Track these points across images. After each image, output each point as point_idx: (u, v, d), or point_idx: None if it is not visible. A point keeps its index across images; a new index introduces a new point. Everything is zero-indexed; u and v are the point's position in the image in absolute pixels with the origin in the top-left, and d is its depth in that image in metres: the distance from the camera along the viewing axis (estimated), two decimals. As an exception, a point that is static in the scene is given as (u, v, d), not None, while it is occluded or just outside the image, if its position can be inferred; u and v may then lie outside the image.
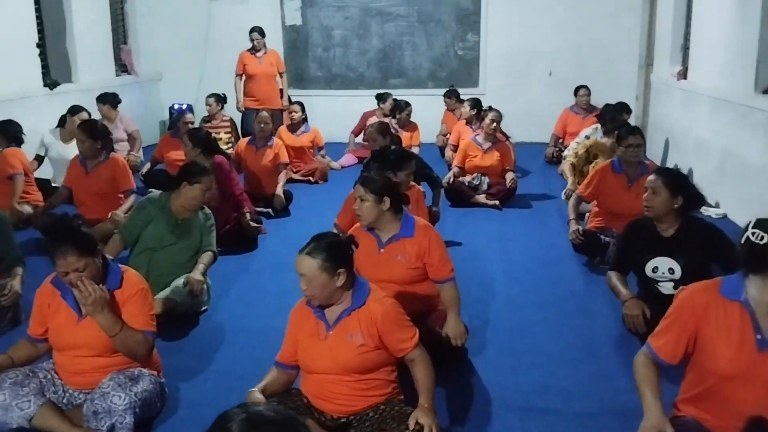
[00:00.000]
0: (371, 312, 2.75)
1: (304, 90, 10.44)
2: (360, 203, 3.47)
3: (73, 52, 8.85)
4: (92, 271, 2.92)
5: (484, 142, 7.05)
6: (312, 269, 2.65)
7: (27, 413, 2.87)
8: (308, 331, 2.80)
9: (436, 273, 3.55)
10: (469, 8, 10.39)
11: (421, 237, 3.53)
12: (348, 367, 2.73)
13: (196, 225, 4.42)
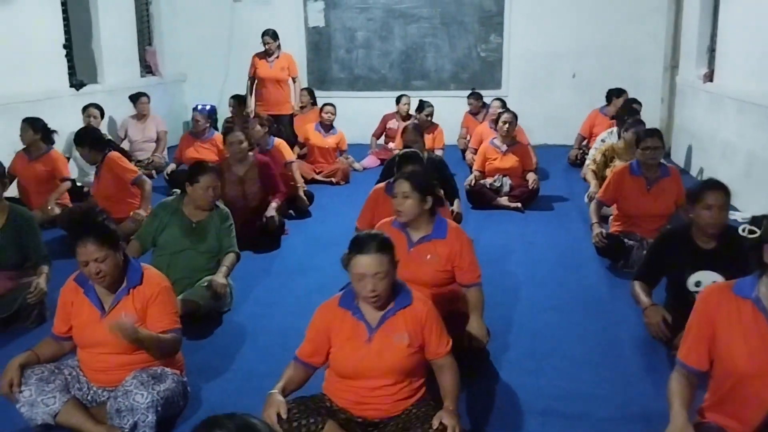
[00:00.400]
0: (417, 311, 2.74)
1: (327, 91, 10.46)
2: (402, 199, 3.45)
3: (99, 53, 8.94)
4: (111, 263, 2.94)
5: (501, 145, 7.01)
6: (385, 265, 2.63)
7: (52, 409, 2.91)
8: (346, 334, 2.74)
9: (464, 277, 3.54)
10: (492, 10, 10.36)
11: (454, 239, 3.52)
12: (395, 369, 2.70)
13: (212, 227, 4.39)
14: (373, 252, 2.63)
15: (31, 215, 4.37)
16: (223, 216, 4.47)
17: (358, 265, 2.64)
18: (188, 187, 4.35)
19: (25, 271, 4.23)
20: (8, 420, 3.06)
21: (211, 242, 4.38)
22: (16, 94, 7.15)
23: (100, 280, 2.95)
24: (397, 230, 3.55)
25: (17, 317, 4.09)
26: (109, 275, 2.96)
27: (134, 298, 3.03)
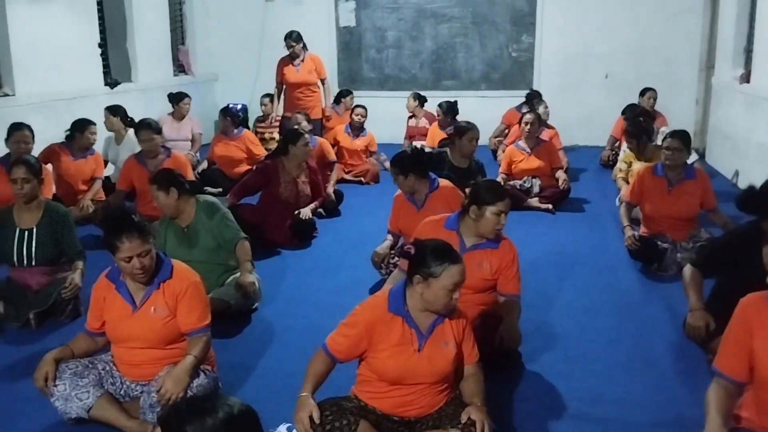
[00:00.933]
0: (461, 320, 2.77)
1: (357, 91, 10.44)
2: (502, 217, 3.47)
3: (133, 52, 9.05)
4: (152, 258, 2.98)
5: (526, 146, 6.95)
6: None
7: (86, 404, 2.95)
8: (396, 340, 2.69)
9: (506, 287, 3.54)
10: (524, 10, 10.28)
11: (506, 251, 3.53)
12: (443, 374, 2.72)
13: (202, 227, 4.25)
14: (461, 261, 2.64)
15: (66, 211, 4.44)
16: (207, 211, 4.26)
17: (455, 275, 2.61)
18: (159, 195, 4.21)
19: (61, 267, 4.30)
20: (43, 414, 3.10)
21: (206, 241, 4.23)
22: (52, 93, 7.28)
23: (141, 275, 2.98)
24: (451, 232, 3.53)
25: (52, 312, 4.15)
26: (149, 269, 2.99)
27: (164, 292, 3.05)
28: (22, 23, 6.92)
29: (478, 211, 3.45)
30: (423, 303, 2.67)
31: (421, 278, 2.63)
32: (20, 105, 6.84)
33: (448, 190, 4.65)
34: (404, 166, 4.56)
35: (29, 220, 4.24)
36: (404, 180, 4.57)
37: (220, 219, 4.27)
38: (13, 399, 3.33)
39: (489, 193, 3.46)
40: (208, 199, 4.38)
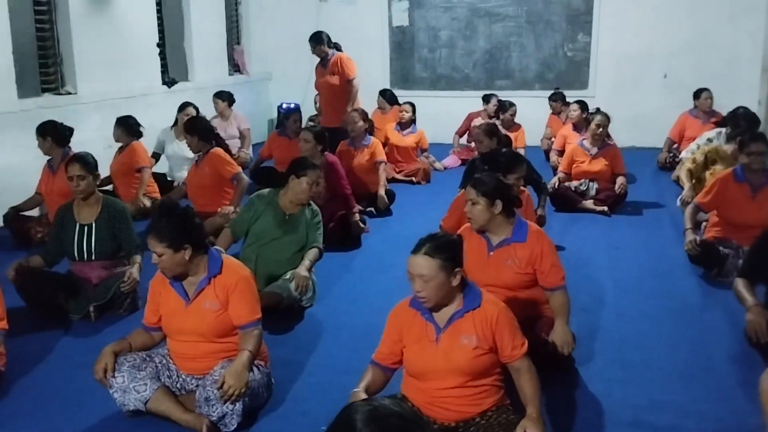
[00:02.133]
0: (487, 313, 2.70)
1: (409, 90, 10.46)
2: (471, 206, 3.42)
3: (190, 52, 9.23)
4: (168, 260, 3.01)
5: (591, 147, 6.80)
6: (431, 269, 2.60)
7: (143, 396, 3.00)
8: (416, 334, 2.73)
9: (546, 280, 3.46)
10: (581, 8, 10.12)
11: (534, 242, 3.44)
12: (462, 370, 2.67)
13: (303, 221, 4.49)
14: (420, 253, 2.64)
15: (123, 206, 4.54)
16: (314, 212, 4.57)
17: (410, 262, 2.65)
18: (293, 179, 4.43)
19: (119, 261, 4.40)
20: (102, 405, 3.17)
21: (301, 234, 4.47)
22: (112, 91, 7.47)
23: (164, 272, 3.07)
24: (478, 235, 3.51)
25: (111, 305, 4.25)
26: (168, 270, 3.05)
27: (215, 286, 3.09)
28: (84, 24, 7.11)
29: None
30: None
31: None
32: (81, 103, 7.04)
33: (526, 195, 4.66)
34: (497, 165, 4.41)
35: (88, 216, 4.35)
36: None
37: (317, 223, 4.57)
38: (73, 390, 3.42)
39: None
40: (315, 206, 4.64)
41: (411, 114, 8.25)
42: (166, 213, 3.08)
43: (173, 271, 3.05)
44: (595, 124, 6.74)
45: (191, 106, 7.26)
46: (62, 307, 4.23)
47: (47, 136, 5.60)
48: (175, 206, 3.21)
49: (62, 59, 7.07)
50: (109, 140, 6.60)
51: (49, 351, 3.85)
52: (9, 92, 6.29)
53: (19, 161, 6.21)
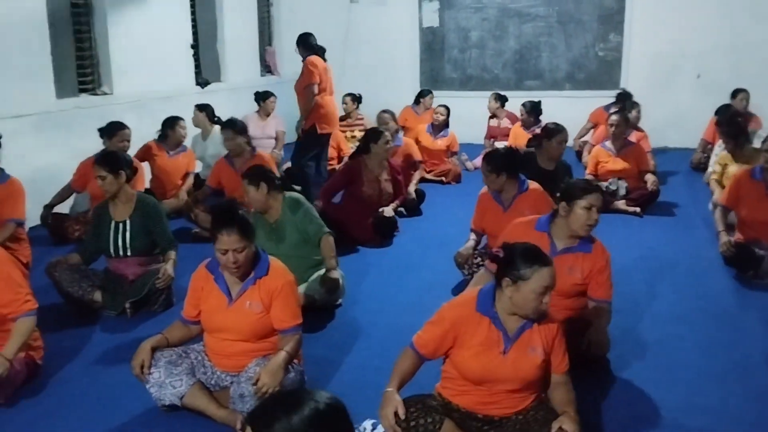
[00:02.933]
0: (551, 327, 2.72)
1: (439, 91, 10.44)
2: (596, 213, 3.41)
3: (222, 53, 9.33)
4: (248, 255, 3.05)
5: (612, 147, 6.76)
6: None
7: (179, 391, 3.05)
8: (482, 341, 2.67)
9: (598, 292, 3.47)
10: (613, 7, 10.04)
11: (599, 255, 3.46)
12: (527, 380, 2.68)
13: (288, 222, 4.32)
14: (551, 264, 2.61)
15: (156, 202, 4.59)
16: (291, 206, 4.34)
17: (545, 278, 2.57)
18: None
19: (154, 258, 4.46)
20: (139, 399, 3.22)
21: (293, 236, 4.31)
22: (147, 92, 7.58)
23: (235, 269, 3.05)
24: (542, 234, 3.48)
25: (146, 301, 4.31)
26: (243, 266, 3.06)
27: (260, 288, 3.11)
28: (120, 25, 7.23)
29: (567, 207, 3.40)
30: (512, 306, 2.63)
31: (510, 281, 2.59)
32: (117, 104, 7.15)
33: (537, 194, 4.57)
34: (498, 164, 4.51)
35: (122, 213, 4.42)
36: (495, 178, 4.51)
37: (304, 213, 4.35)
38: (110, 385, 3.48)
39: (578, 187, 3.43)
40: (292, 195, 4.46)
41: (445, 117, 8.22)
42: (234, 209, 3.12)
43: (246, 267, 3.08)
44: (610, 123, 6.75)
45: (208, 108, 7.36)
46: (99, 303, 4.30)
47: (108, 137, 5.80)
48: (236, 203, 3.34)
49: (99, 60, 7.19)
50: (145, 139, 6.69)
51: (86, 346, 3.92)
52: (47, 93, 6.42)
53: (57, 160, 6.33)
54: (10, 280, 3.26)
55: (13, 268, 3.31)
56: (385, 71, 10.78)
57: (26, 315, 3.27)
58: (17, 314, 3.26)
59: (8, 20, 5.90)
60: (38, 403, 3.31)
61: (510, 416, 2.71)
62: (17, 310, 3.26)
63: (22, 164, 5.77)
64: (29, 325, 3.29)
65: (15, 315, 3.26)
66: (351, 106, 9.13)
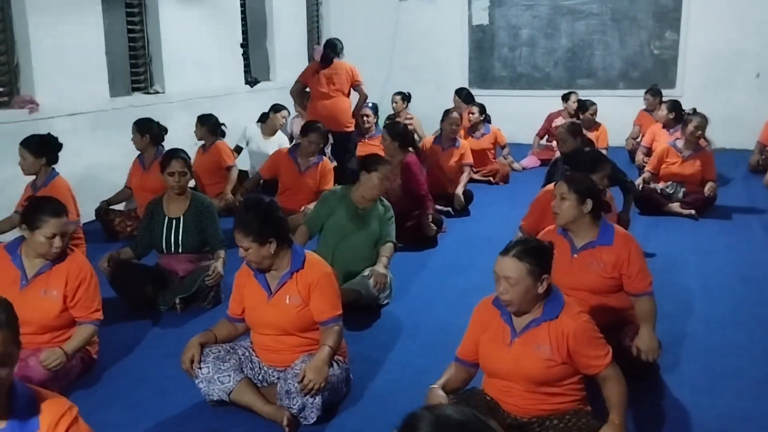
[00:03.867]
0: (564, 327, 2.64)
1: (488, 90, 10.37)
2: (560, 201, 3.36)
3: (272, 51, 9.42)
4: (255, 253, 3.07)
5: (684, 149, 6.52)
6: (519, 273, 2.57)
7: (227, 387, 3.08)
8: (492, 333, 2.73)
9: (633, 285, 3.36)
10: (669, 5, 9.81)
11: (621, 246, 3.35)
12: (531, 378, 2.65)
13: (375, 216, 4.50)
14: (509, 255, 2.61)
15: (210, 202, 4.67)
16: (386, 207, 4.59)
17: (498, 263, 2.63)
18: (364, 174, 4.45)
19: (204, 255, 4.53)
20: (187, 394, 3.27)
21: (374, 228, 4.47)
22: (197, 91, 7.70)
23: (253, 264, 3.14)
24: (561, 237, 3.44)
25: (196, 298, 4.38)
26: (255, 263, 3.12)
27: (297, 281, 3.14)
28: (172, 25, 7.36)
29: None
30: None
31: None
32: (169, 102, 7.29)
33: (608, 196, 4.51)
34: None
35: (177, 210, 4.50)
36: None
37: (390, 217, 4.58)
38: (160, 378, 3.54)
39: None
40: (387, 202, 4.67)
41: (478, 116, 8.02)
42: (251, 208, 3.15)
43: (260, 264, 3.12)
44: (694, 126, 6.42)
45: (285, 109, 7.44)
46: (150, 298, 4.38)
47: (145, 134, 5.83)
48: (259, 201, 3.28)
49: (151, 59, 7.34)
50: (193, 137, 6.80)
51: (137, 340, 4.01)
52: (102, 91, 6.58)
53: (111, 158, 6.49)
54: (89, 289, 3.41)
55: (93, 281, 3.46)
56: (434, 70, 10.73)
57: (91, 323, 3.42)
58: (84, 320, 3.41)
59: (64, 19, 6.05)
60: (91, 394, 3.39)
61: (544, 419, 2.66)
62: (86, 317, 3.41)
63: (77, 161, 5.94)
64: (91, 332, 3.43)
65: (82, 320, 3.41)
66: (400, 105, 9.10)
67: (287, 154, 6.09)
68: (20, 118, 5.69)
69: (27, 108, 5.75)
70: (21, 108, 5.73)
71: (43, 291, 3.34)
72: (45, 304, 3.32)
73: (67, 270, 3.37)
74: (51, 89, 5.95)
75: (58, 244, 3.29)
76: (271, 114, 7.42)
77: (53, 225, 3.27)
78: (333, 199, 4.56)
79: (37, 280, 3.35)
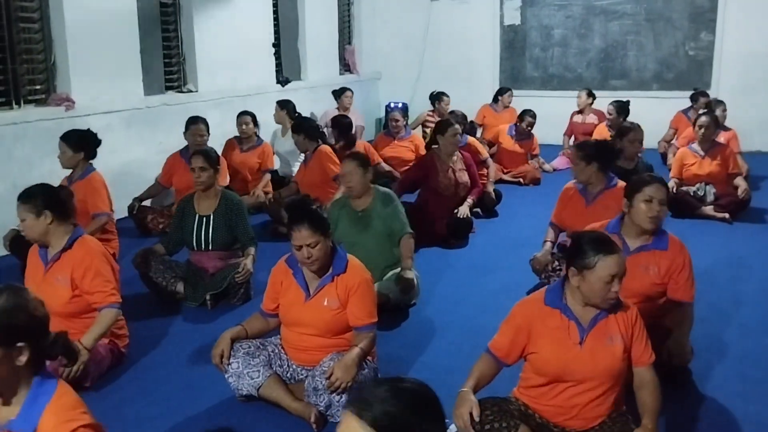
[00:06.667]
0: (628, 314, 2.63)
1: (519, 90, 10.30)
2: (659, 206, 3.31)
3: (303, 51, 9.46)
4: (322, 249, 3.07)
5: (699, 149, 6.47)
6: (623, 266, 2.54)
7: (256, 382, 3.10)
8: (553, 334, 2.60)
9: (678, 293, 3.33)
10: (705, 5, 9.65)
11: (677, 253, 3.33)
12: (608, 373, 2.57)
13: (375, 214, 4.41)
14: (618, 251, 2.54)
15: (240, 200, 4.71)
16: (384, 200, 4.44)
17: (611, 265, 2.49)
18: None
19: (234, 252, 4.57)
20: (217, 388, 3.30)
21: (377, 226, 4.38)
22: (229, 89, 7.77)
23: (310, 264, 3.09)
24: (614, 236, 3.38)
25: (226, 294, 4.42)
26: (318, 260, 3.08)
27: (337, 285, 3.14)
28: (205, 25, 7.43)
29: (629, 203, 3.32)
30: (581, 297, 2.57)
31: (576, 270, 2.54)
32: (202, 101, 7.36)
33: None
34: (590, 152, 4.41)
35: (207, 207, 4.54)
36: (585, 167, 4.41)
37: (394, 209, 4.43)
38: (189, 374, 3.58)
39: (636, 180, 3.36)
40: (385, 190, 4.57)
41: (533, 124, 8.01)
42: (306, 205, 3.15)
43: (322, 261, 3.10)
44: (698, 125, 6.44)
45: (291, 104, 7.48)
46: (181, 294, 4.43)
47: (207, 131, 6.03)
48: (309, 198, 3.33)
49: (185, 59, 7.42)
50: (228, 135, 6.87)
51: (168, 335, 4.05)
52: (136, 90, 6.67)
53: (144, 155, 6.57)
54: (99, 273, 3.41)
55: (104, 262, 3.46)
56: (465, 70, 10.70)
57: (110, 307, 3.43)
58: (101, 305, 3.42)
59: (100, 19, 6.15)
60: (121, 388, 3.44)
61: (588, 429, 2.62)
62: (102, 301, 3.41)
63: (112, 158, 6.03)
64: (111, 316, 3.43)
65: (99, 305, 3.42)
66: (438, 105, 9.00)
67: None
68: (57, 115, 5.79)
69: (63, 106, 5.85)
70: (57, 105, 5.84)
71: (57, 278, 3.41)
72: (57, 290, 3.38)
73: (73, 256, 3.41)
74: (87, 87, 6.05)
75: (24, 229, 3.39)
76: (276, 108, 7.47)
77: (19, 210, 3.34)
78: (334, 209, 4.52)
79: (53, 267, 3.43)
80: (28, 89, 5.85)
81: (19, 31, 5.71)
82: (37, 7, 5.83)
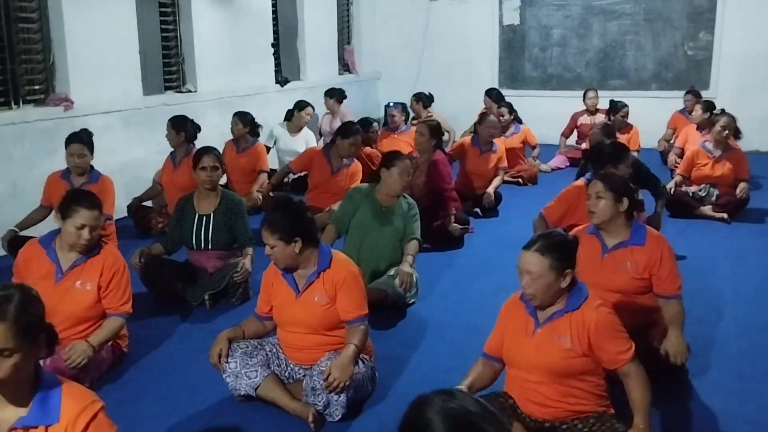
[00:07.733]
0: (585, 318, 2.63)
1: (518, 90, 10.32)
2: (596, 200, 3.34)
3: (302, 51, 9.47)
4: (279, 252, 3.10)
5: (714, 150, 6.43)
6: (540, 267, 2.57)
7: (254, 382, 3.12)
8: (516, 326, 2.74)
9: (662, 287, 3.32)
10: (703, 5, 9.67)
11: (653, 247, 3.32)
12: (550, 368, 2.63)
13: (399, 213, 4.48)
14: (531, 249, 2.60)
15: (240, 200, 4.72)
16: (410, 204, 4.57)
17: (521, 258, 2.62)
18: (384, 171, 4.45)
19: (233, 252, 4.58)
20: (215, 388, 3.31)
21: (398, 225, 4.46)
22: (228, 90, 7.77)
23: (278, 264, 3.17)
24: (592, 236, 3.42)
25: (224, 294, 4.42)
26: (280, 261, 3.15)
27: (324, 280, 3.17)
28: (204, 25, 7.44)
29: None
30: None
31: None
32: (201, 101, 7.37)
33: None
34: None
35: (207, 207, 4.55)
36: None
37: (414, 215, 4.56)
38: (188, 372, 3.59)
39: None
40: (412, 200, 4.65)
41: (508, 116, 8.01)
42: (280, 207, 3.18)
43: (285, 263, 3.15)
44: (720, 125, 6.34)
45: (310, 106, 7.50)
46: (180, 293, 4.44)
47: (181, 131, 5.89)
48: (288, 200, 3.30)
49: (184, 59, 7.43)
50: (226, 136, 6.87)
51: (167, 335, 4.06)
52: (135, 90, 6.68)
53: (143, 155, 6.58)
54: (121, 282, 3.48)
55: (126, 274, 3.53)
56: (464, 70, 10.71)
57: (120, 315, 3.48)
58: (113, 311, 3.46)
59: (100, 19, 6.16)
60: (120, 387, 3.45)
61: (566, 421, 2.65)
62: (115, 308, 3.46)
63: (111, 158, 6.04)
64: (119, 324, 3.48)
65: (111, 312, 3.46)
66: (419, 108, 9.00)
67: (321, 152, 6.12)
68: (56, 115, 5.80)
69: (62, 106, 5.86)
70: (56, 106, 5.85)
71: (77, 283, 3.40)
72: (79, 295, 3.39)
73: (103, 262, 3.44)
74: (86, 87, 6.06)
75: (86, 236, 3.34)
76: (296, 112, 7.49)
77: (84, 216, 3.33)
78: (358, 196, 4.57)
79: (71, 272, 3.42)
80: (27, 89, 5.86)
81: (18, 31, 5.72)
82: (36, 8, 5.84)
